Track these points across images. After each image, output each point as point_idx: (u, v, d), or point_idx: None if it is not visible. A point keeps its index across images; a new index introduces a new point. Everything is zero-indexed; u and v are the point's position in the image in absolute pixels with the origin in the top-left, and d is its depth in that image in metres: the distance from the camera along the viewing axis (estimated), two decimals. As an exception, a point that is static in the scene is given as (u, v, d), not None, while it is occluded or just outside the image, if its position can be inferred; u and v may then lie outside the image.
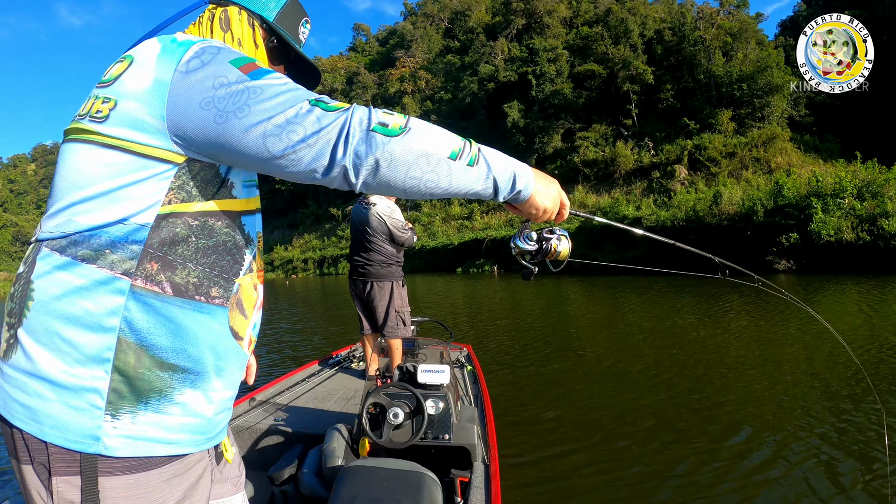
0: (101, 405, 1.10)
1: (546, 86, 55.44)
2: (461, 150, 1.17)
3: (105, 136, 1.16)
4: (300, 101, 1.09)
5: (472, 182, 1.19)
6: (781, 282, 18.28)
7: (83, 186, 1.16)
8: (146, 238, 1.15)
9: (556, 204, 1.39)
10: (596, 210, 41.14)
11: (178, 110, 1.13)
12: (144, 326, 1.14)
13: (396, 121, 1.12)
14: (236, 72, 1.13)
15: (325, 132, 1.07)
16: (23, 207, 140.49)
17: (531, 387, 6.99)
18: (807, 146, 40.97)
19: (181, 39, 1.23)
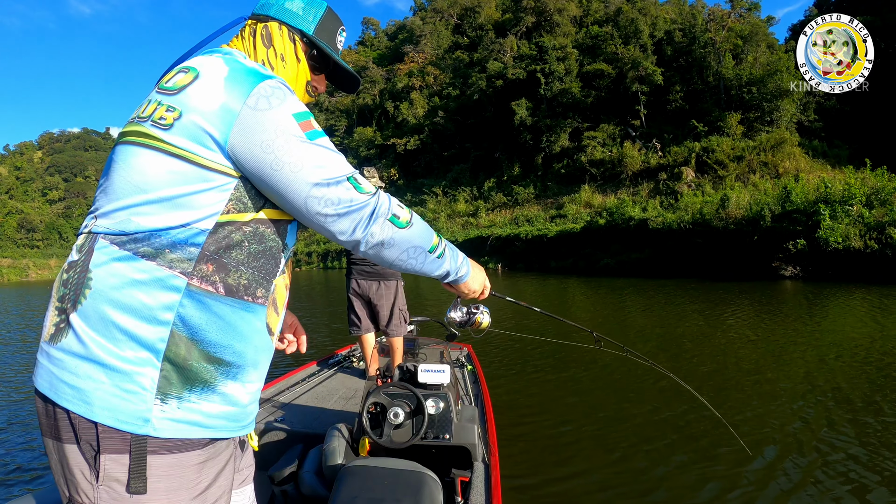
0: (151, 390, 1.19)
1: (555, 84, 55.19)
2: (436, 247, 1.53)
3: (170, 145, 1.24)
4: (341, 175, 1.31)
5: (435, 269, 1.57)
6: (788, 289, 18.22)
7: (147, 190, 1.24)
8: (204, 242, 1.25)
9: (482, 287, 1.82)
10: (602, 210, 41.01)
11: (239, 141, 1.25)
12: (197, 322, 1.24)
13: (405, 215, 1.42)
14: (297, 127, 1.29)
15: (357, 213, 1.32)
16: (28, 195, 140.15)
17: (532, 386, 7.03)
18: (815, 152, 40.73)
19: (248, 66, 1.35)
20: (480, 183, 59.62)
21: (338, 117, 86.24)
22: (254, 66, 1.38)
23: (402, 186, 69.54)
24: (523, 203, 52.75)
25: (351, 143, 78.84)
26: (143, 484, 1.18)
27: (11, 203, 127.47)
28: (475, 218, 55.14)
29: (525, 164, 56.94)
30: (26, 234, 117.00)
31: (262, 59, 1.56)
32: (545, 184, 53.05)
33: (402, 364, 3.53)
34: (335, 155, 1.34)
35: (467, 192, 59.55)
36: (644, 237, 31.95)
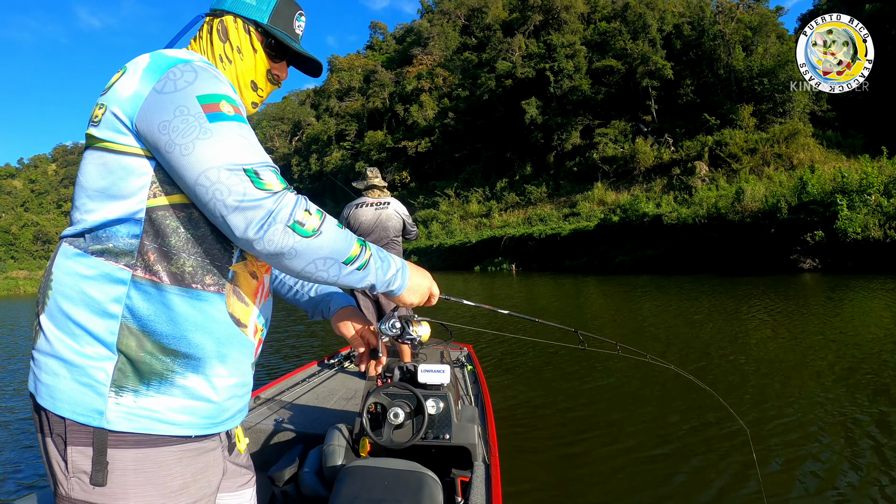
0: (105, 382, 1.21)
1: (564, 82, 55.05)
2: (355, 258, 1.35)
3: (98, 139, 1.28)
4: (237, 164, 1.20)
5: (355, 281, 1.39)
6: (807, 282, 17.98)
7: (86, 187, 1.29)
8: (142, 231, 1.26)
9: (423, 297, 1.63)
10: (615, 207, 40.77)
11: (143, 122, 1.23)
12: (145, 313, 1.25)
13: (311, 223, 1.25)
14: (198, 108, 1.23)
15: (249, 211, 1.19)
16: (44, 207, 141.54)
17: (532, 386, 7.04)
18: (829, 142, 40.25)
19: (168, 56, 1.33)
20: (493, 183, 59.48)
21: (348, 121, 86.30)
22: (175, 54, 1.36)
23: (414, 189, 69.60)
24: (536, 202, 52.59)
25: (362, 146, 78.97)
26: (103, 476, 1.20)
27: (27, 216, 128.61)
28: (488, 219, 55.03)
29: (537, 164, 56.76)
30: (42, 246, 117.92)
31: (220, 54, 1.56)
32: (557, 182, 52.87)
33: (402, 364, 3.49)
34: (239, 140, 1.24)
35: (479, 193, 59.43)
36: (659, 233, 31.72)
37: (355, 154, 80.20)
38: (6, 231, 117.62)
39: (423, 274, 1.62)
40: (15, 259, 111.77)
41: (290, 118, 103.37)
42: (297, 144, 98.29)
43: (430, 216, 61.00)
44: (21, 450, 5.98)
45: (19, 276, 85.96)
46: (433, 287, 1.66)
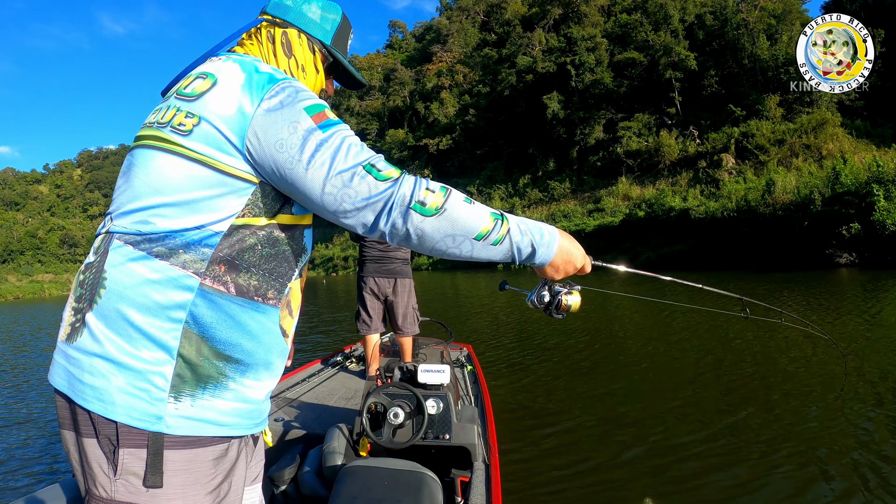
0: (165, 388, 1.21)
1: (586, 76, 54.58)
2: (489, 232, 1.30)
3: (189, 150, 1.26)
4: (357, 163, 1.24)
5: (490, 256, 1.36)
6: (843, 277, 17.47)
7: (165, 193, 1.26)
8: (218, 244, 1.27)
9: (573, 268, 1.50)
10: (640, 202, 40.28)
11: (255, 144, 1.25)
12: (208, 321, 1.26)
13: (435, 200, 1.24)
14: (309, 120, 1.25)
15: (373, 203, 1.23)
16: (69, 211, 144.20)
17: (533, 385, 7.09)
18: (858, 132, 39.32)
19: (263, 71, 1.34)
20: (515, 180, 59.19)
21: (369, 120, 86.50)
22: (267, 69, 1.36)
23: (436, 187, 69.32)
24: (559, 198, 52.24)
25: (383, 145, 79.12)
26: (160, 478, 1.20)
27: (53, 220, 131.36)
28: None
29: (560, 159, 56.35)
30: (69, 250, 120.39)
31: (284, 69, 1.54)
32: (581, 178, 52.47)
33: (402, 364, 3.55)
34: (350, 141, 1.27)
35: (502, 190, 59.15)
36: (686, 228, 31.20)
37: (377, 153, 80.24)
38: (33, 235, 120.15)
39: (572, 246, 1.49)
40: (42, 263, 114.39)
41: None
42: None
43: (452, 213, 60.89)
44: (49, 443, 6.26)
45: (45, 280, 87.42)
46: (584, 263, 1.53)
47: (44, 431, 6.89)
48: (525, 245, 1.37)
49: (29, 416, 7.78)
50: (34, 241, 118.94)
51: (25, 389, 9.81)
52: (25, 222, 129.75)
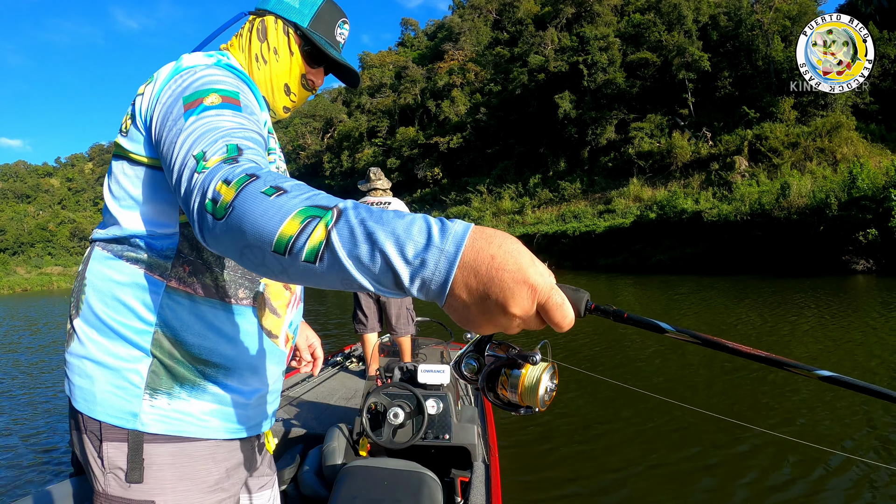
0: (140, 384, 1.22)
1: (598, 75, 54.26)
2: (290, 240, 0.76)
3: (126, 150, 1.28)
4: (190, 155, 0.98)
5: (320, 282, 0.79)
6: (860, 284, 17.22)
7: (120, 197, 1.29)
8: (177, 244, 1.26)
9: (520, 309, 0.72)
10: (652, 203, 39.87)
11: (154, 134, 1.19)
12: (178, 324, 1.25)
13: (226, 196, 0.84)
14: (181, 108, 1.14)
15: (186, 201, 0.94)
16: (80, 205, 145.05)
17: None
18: (873, 136, 38.92)
19: (182, 62, 1.30)
20: (525, 179, 58.83)
21: (379, 118, 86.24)
22: (191, 60, 1.31)
23: (446, 186, 69.33)
24: (570, 199, 51.85)
25: (393, 143, 78.85)
26: (140, 474, 1.21)
27: (64, 213, 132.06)
28: (521, 215, 54.31)
29: (570, 159, 56.03)
30: (78, 243, 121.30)
31: (256, 54, 1.51)
32: (592, 178, 52.14)
33: (402, 364, 3.55)
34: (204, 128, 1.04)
35: (512, 190, 58.80)
36: (698, 231, 30.79)
37: (387, 151, 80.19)
38: (44, 228, 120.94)
39: (499, 264, 0.70)
40: (52, 255, 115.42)
41: (321, 115, 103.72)
42: (328, 141, 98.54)
43: (461, 213, 60.61)
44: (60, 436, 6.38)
45: (53, 273, 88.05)
46: (551, 293, 0.72)
47: (54, 427, 6.95)
48: (372, 263, 0.73)
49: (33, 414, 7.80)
50: (44, 234, 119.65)
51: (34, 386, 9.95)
52: (36, 215, 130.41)
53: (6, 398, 9.12)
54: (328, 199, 0.80)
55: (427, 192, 71.56)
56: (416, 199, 71.40)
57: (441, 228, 0.73)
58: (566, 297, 0.75)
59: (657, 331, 0.88)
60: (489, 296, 0.71)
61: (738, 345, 0.83)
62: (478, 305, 0.73)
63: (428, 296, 0.74)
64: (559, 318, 0.74)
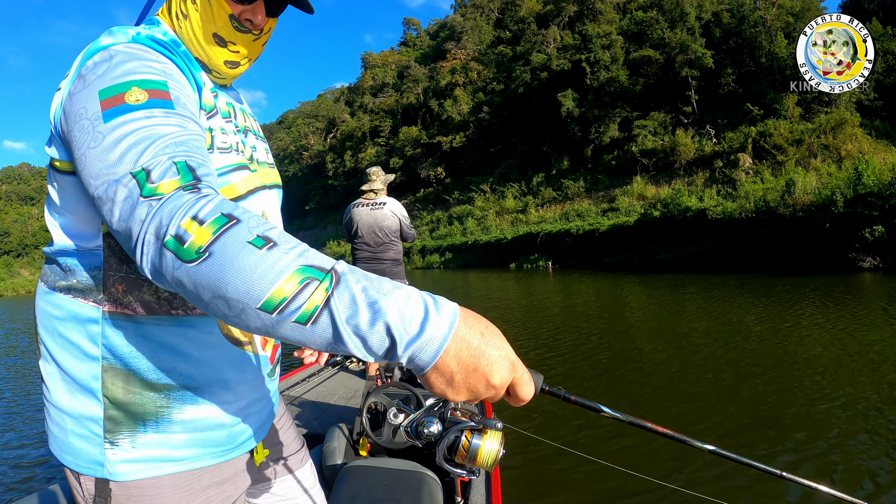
0: (99, 432, 1.13)
1: (601, 73, 54.11)
2: (284, 302, 0.76)
3: (51, 159, 1.15)
4: (125, 172, 0.89)
5: (303, 342, 0.79)
6: (867, 281, 17.14)
7: (49, 207, 1.21)
8: (103, 262, 1.14)
9: (479, 395, 0.84)
10: (656, 201, 39.74)
11: (62, 134, 1.07)
12: (126, 350, 1.12)
13: (198, 237, 0.78)
14: (97, 105, 0.99)
15: (130, 227, 0.86)
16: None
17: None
18: (878, 132, 38.70)
19: (93, 44, 1.12)
20: (529, 178, 58.71)
21: (382, 118, 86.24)
22: (102, 42, 1.11)
23: (449, 185, 69.33)
24: (573, 197, 51.75)
25: (396, 142, 78.90)
26: (107, 502, 1.14)
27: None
28: (524, 214, 54.30)
29: (574, 157, 55.89)
30: None
31: (176, 11, 1.29)
32: (595, 176, 52.01)
33: (403, 364, 3.22)
34: (135, 137, 0.92)
35: (515, 188, 58.75)
36: (703, 229, 30.61)
37: (390, 150, 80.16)
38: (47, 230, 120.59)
39: (488, 350, 0.81)
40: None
41: (324, 115, 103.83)
42: (331, 142, 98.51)
43: (465, 212, 60.67)
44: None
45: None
46: (517, 374, 0.87)
47: None
48: (371, 330, 0.76)
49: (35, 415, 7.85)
50: (48, 236, 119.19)
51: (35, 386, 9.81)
52: (40, 217, 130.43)
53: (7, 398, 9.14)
54: (321, 259, 0.80)
55: (430, 192, 71.53)
56: (420, 198, 71.37)
57: (434, 302, 0.79)
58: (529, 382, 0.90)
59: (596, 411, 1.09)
60: (478, 367, 0.80)
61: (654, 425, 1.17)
62: (463, 374, 0.80)
63: (416, 362, 0.79)
64: (526, 393, 0.90)
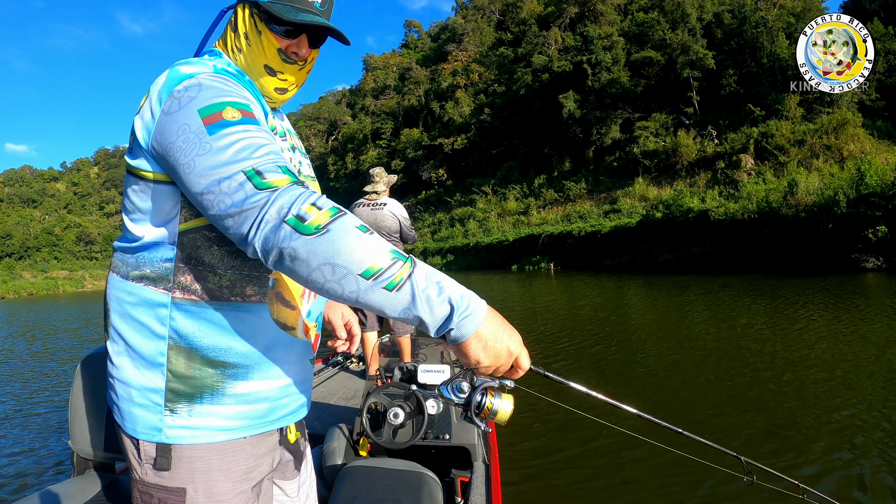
0: (160, 402, 1.31)
1: (602, 75, 54.04)
2: (379, 271, 1.06)
3: (132, 167, 1.33)
4: (237, 170, 1.13)
5: (386, 307, 1.08)
6: (870, 282, 17.06)
7: (129, 210, 1.37)
8: (175, 255, 1.32)
9: (500, 360, 1.17)
10: (658, 203, 39.69)
11: (156, 148, 1.25)
12: (190, 331, 1.31)
13: (318, 218, 1.06)
14: (199, 122, 1.20)
15: (247, 211, 1.11)
16: (86, 209, 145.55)
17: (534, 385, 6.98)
18: (880, 132, 38.52)
19: (178, 72, 1.31)
20: (530, 180, 58.67)
21: (384, 120, 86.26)
22: (187, 69, 1.31)
23: (450, 187, 69.29)
24: (575, 199, 51.65)
25: (398, 144, 78.90)
26: (168, 462, 1.31)
27: (70, 217, 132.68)
28: (526, 216, 54.20)
29: (575, 159, 55.84)
30: (85, 247, 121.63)
31: (231, 46, 1.52)
32: (597, 178, 51.94)
33: (402, 364, 3.59)
34: (241, 145, 1.16)
35: (517, 190, 58.70)
36: (705, 230, 30.58)
37: (391, 152, 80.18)
38: (49, 232, 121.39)
39: (505, 328, 1.17)
40: (58, 259, 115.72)
41: (326, 118, 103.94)
42: (333, 143, 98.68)
43: (466, 214, 60.62)
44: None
45: (59, 276, 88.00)
46: (520, 352, 1.20)
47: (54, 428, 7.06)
48: (436, 302, 1.08)
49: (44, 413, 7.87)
50: (51, 239, 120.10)
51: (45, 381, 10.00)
52: (42, 219, 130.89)
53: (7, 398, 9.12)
54: (401, 249, 1.12)
55: (432, 194, 71.53)
56: (421, 200, 71.37)
57: (474, 297, 1.13)
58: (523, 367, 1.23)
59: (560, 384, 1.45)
60: (503, 338, 1.15)
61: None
62: (493, 342, 1.14)
63: (462, 329, 1.10)
64: (526, 364, 1.23)
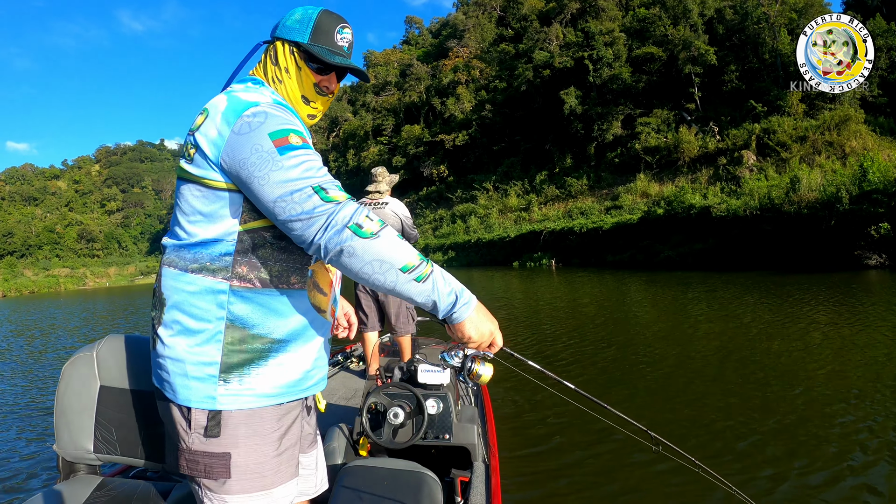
0: (215, 374, 1.56)
1: (603, 70, 53.86)
2: (413, 267, 1.48)
3: (193, 175, 1.58)
4: (306, 185, 1.46)
5: (414, 294, 1.50)
6: (873, 279, 16.98)
7: (188, 213, 1.61)
8: (235, 250, 1.58)
9: (484, 338, 1.63)
10: (659, 199, 39.60)
11: (226, 161, 1.52)
12: (244, 313, 1.59)
13: (371, 227, 1.45)
14: (270, 143, 1.50)
15: (316, 218, 1.44)
16: (87, 206, 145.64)
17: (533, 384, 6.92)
18: (882, 129, 38.35)
19: (241, 99, 1.60)
20: (532, 176, 58.52)
21: (385, 116, 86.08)
22: (246, 97, 1.61)
23: (452, 183, 69.17)
24: (576, 195, 51.51)
25: (399, 141, 78.66)
26: (218, 431, 1.55)
27: (71, 215, 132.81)
28: (527, 212, 54.03)
29: (577, 155, 55.70)
30: (86, 245, 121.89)
31: (272, 76, 1.79)
32: (599, 174, 51.80)
33: (402, 364, 3.60)
34: (306, 165, 1.50)
35: (518, 186, 58.53)
36: (707, 226, 30.46)
37: (392, 149, 79.99)
38: (51, 230, 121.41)
39: (488, 316, 1.66)
40: (59, 257, 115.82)
41: (327, 114, 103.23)
42: (334, 140, 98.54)
43: (468, 210, 60.48)
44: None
45: (61, 275, 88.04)
46: (497, 334, 1.68)
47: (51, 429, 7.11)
48: (447, 293, 1.53)
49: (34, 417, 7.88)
50: (52, 237, 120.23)
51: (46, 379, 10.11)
52: (43, 217, 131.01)
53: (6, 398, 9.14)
54: (421, 254, 1.51)
55: (433, 190, 71.41)
56: (423, 197, 71.26)
57: (467, 292, 1.59)
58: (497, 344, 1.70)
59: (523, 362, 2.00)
60: (487, 320, 1.64)
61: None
62: (482, 322, 1.61)
63: (461, 313, 1.56)
64: (500, 342, 1.70)
